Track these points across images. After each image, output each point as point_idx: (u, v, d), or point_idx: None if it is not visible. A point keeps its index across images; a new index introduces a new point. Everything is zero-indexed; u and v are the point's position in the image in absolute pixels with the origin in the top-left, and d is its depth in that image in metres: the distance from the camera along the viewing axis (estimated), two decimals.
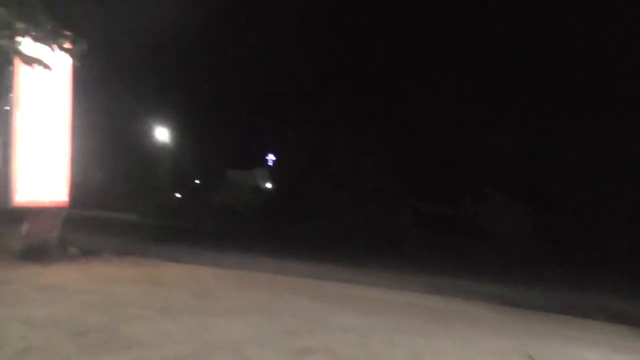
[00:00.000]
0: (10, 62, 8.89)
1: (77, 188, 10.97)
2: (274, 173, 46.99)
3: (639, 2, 29.83)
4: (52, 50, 8.75)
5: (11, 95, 9.39)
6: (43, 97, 10.19)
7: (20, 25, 7.96)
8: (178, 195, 39.50)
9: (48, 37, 8.39)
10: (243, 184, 43.77)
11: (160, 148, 36.40)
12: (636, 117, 27.78)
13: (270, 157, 52.17)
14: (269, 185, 48.01)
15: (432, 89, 35.31)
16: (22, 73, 9.54)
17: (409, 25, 41.29)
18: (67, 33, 8.87)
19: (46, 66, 8.79)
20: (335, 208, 30.95)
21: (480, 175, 32.54)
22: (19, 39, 8.20)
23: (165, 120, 35.58)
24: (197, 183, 44.83)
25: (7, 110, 9.33)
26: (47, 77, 10.05)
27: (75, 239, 11.20)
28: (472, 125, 33.62)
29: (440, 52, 39.99)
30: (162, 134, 35.83)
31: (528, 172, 31.79)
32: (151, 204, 33.48)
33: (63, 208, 10.77)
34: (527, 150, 32.25)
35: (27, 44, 8.94)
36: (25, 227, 9.94)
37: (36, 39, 8.51)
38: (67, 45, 9.30)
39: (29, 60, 8.57)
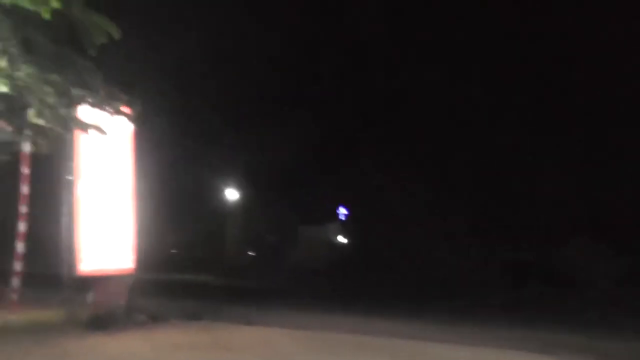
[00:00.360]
0: (69, 130, 8.86)
1: (148, 251, 10.81)
2: (347, 227, 46.43)
3: None
4: (110, 115, 8.70)
5: (72, 163, 9.30)
6: (105, 163, 10.11)
7: (77, 92, 7.87)
8: (251, 253, 39.59)
9: (105, 102, 8.31)
10: (316, 239, 43.28)
11: (231, 206, 36.86)
12: None
13: (342, 211, 51.32)
14: (342, 239, 47.43)
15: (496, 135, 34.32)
16: (82, 140, 9.48)
17: (479, 67, 40.58)
18: (124, 96, 8.88)
19: (104, 132, 8.60)
20: (413, 260, 29.99)
21: (562, 218, 30.96)
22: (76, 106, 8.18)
23: (236, 178, 36.12)
24: (270, 240, 44.89)
25: (69, 179, 9.31)
26: (108, 142, 9.90)
27: (144, 305, 10.94)
28: (550, 166, 32.31)
29: (523, 93, 38.84)
30: (233, 192, 36.27)
31: (612, 211, 30.05)
32: (224, 263, 33.58)
33: (130, 274, 10.54)
34: (608, 189, 30.58)
35: (84, 110, 8.78)
36: (90, 296, 9.77)
37: (93, 104, 8.44)
38: (124, 108, 9.13)
39: (87, 127, 8.47)
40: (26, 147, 9.25)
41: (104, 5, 8.08)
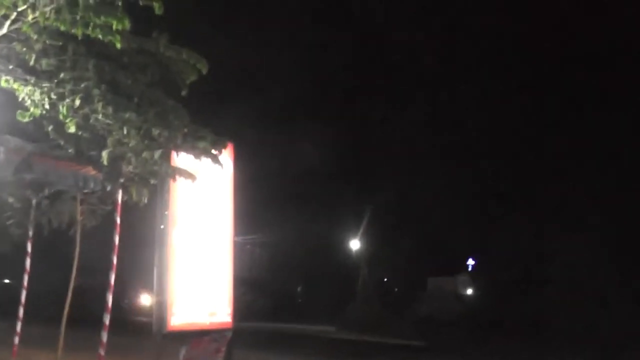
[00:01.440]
0: (158, 176, 8.32)
1: (273, 298, 10.39)
2: (477, 278, 43.69)
3: None
4: (198, 157, 8.15)
5: (166, 212, 8.83)
6: (202, 210, 9.64)
7: (162, 132, 7.40)
8: (375, 304, 37.62)
9: (192, 144, 7.88)
10: (445, 291, 40.99)
11: (356, 255, 35.22)
12: None
13: (470, 262, 48.70)
14: (471, 291, 44.68)
15: None
16: (177, 186, 8.97)
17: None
18: (214, 137, 8.13)
19: (194, 177, 8.19)
20: (558, 312, 27.12)
21: None
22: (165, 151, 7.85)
23: (358, 228, 34.93)
24: (396, 291, 42.91)
25: (162, 228, 8.97)
26: (205, 188, 9.47)
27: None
28: None
29: None
30: (356, 242, 34.76)
31: None
32: (349, 315, 32.28)
33: (227, 329, 9.85)
34: None
35: (175, 155, 8.31)
36: (184, 352, 9.23)
37: (180, 146, 7.98)
38: (215, 150, 8.41)
39: (176, 173, 8.05)
40: (119, 196, 8.88)
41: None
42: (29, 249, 10.05)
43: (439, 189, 38.28)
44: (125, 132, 7.03)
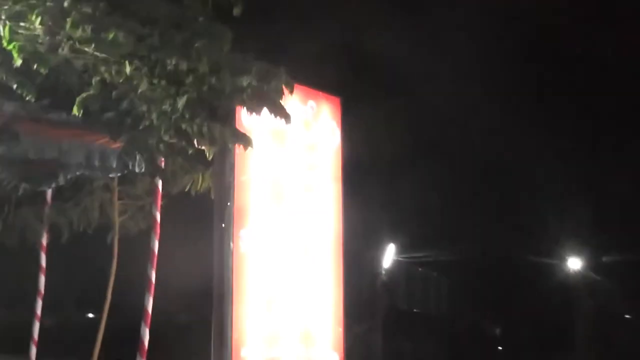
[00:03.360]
0: (223, 151, 5.71)
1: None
2: None
3: None
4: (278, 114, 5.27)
5: (229, 204, 5.82)
6: (286, 202, 6.42)
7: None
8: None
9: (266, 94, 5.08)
10: None
11: (579, 280, 23.69)
12: None
13: None
14: None
15: None
16: (247, 166, 6.01)
17: None
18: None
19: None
20: None
21: None
22: None
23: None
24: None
25: (223, 228, 5.99)
26: (295, 167, 6.47)
27: None
28: None
29: None
30: (575, 260, 22.63)
31: None
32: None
33: None
34: None
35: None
36: None
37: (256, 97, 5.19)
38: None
39: (242, 140, 5.22)
40: (157, 181, 6.03)
41: None
42: (43, 261, 6.94)
43: None
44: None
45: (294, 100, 6.09)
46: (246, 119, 6.00)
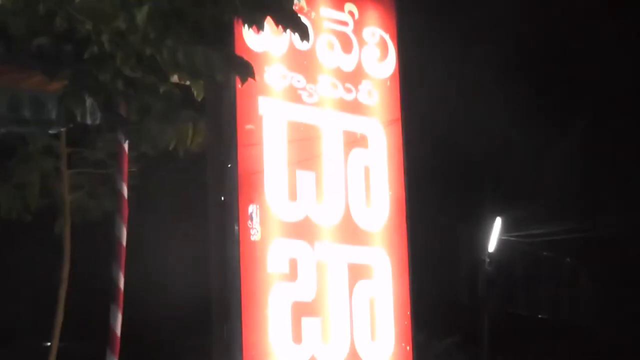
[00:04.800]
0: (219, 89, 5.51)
1: None
2: None
3: None
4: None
5: (230, 166, 5.73)
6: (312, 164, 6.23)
7: None
8: None
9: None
10: None
11: None
12: None
13: None
14: None
15: None
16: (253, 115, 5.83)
17: None
18: None
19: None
20: None
21: None
22: None
23: None
24: None
25: (222, 202, 5.83)
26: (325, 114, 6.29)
27: None
28: None
29: None
30: None
31: None
32: None
33: None
34: None
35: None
36: None
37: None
38: None
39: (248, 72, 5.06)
40: (121, 138, 5.98)
41: None
42: None
43: None
44: None
45: (321, 3, 5.96)
46: (250, 40, 5.85)
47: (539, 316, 23.12)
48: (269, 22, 4.73)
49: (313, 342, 5.99)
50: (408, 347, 6.44)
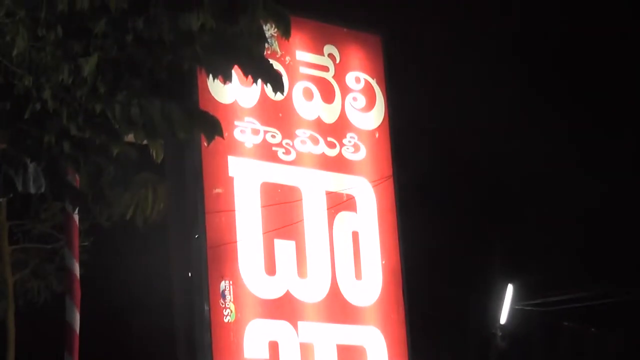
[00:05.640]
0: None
1: None
2: None
3: None
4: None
5: (199, 235, 5.69)
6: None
7: None
8: None
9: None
10: None
11: None
12: None
13: None
14: None
15: None
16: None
17: None
18: None
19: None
20: None
21: None
22: None
23: None
24: None
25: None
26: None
27: None
28: None
29: None
30: None
31: None
32: None
33: None
34: None
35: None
36: None
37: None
38: None
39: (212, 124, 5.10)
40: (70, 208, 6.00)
41: None
42: None
43: None
44: None
45: (296, 46, 6.00)
46: (215, 90, 5.87)
47: None
48: (236, 71, 4.64)
49: None
50: None
